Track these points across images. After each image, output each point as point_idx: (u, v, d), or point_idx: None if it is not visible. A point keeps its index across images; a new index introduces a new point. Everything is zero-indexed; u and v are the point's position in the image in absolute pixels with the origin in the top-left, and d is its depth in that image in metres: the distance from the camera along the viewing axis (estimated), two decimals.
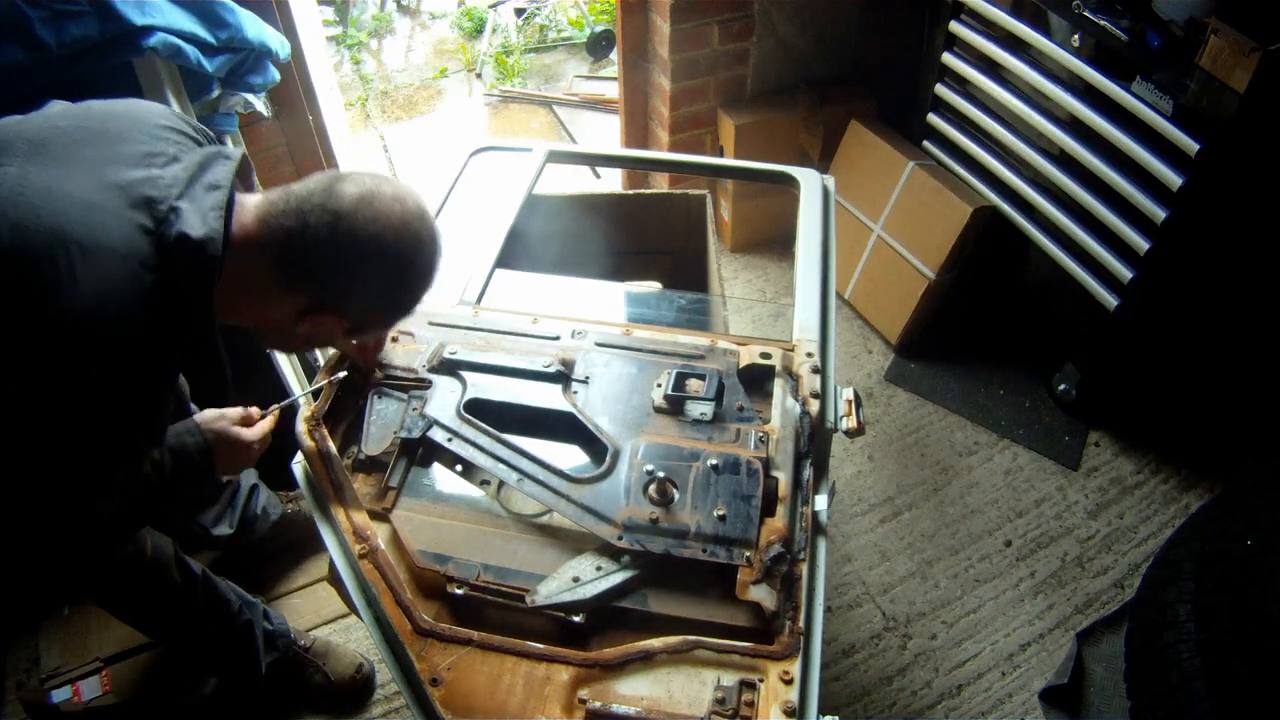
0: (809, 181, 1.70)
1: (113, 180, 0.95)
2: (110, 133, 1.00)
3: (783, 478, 1.19)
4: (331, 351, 1.37)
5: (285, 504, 2.01)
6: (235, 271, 0.99)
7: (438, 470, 1.26)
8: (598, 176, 3.33)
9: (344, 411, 1.30)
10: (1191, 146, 1.74)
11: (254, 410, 1.30)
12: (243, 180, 1.08)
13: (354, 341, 1.29)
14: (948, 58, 2.35)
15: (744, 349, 1.37)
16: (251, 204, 1.03)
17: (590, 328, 1.42)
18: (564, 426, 1.28)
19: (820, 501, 1.19)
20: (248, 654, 1.65)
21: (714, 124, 2.78)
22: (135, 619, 1.54)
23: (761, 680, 1.01)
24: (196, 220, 0.95)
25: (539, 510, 1.21)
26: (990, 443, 2.37)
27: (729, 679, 1.01)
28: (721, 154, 2.78)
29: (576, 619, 1.07)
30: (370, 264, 1.02)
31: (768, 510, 1.15)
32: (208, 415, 1.25)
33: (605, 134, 3.70)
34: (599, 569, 1.11)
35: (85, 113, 1.04)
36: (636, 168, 2.93)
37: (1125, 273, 2.00)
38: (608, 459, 1.20)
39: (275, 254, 1.01)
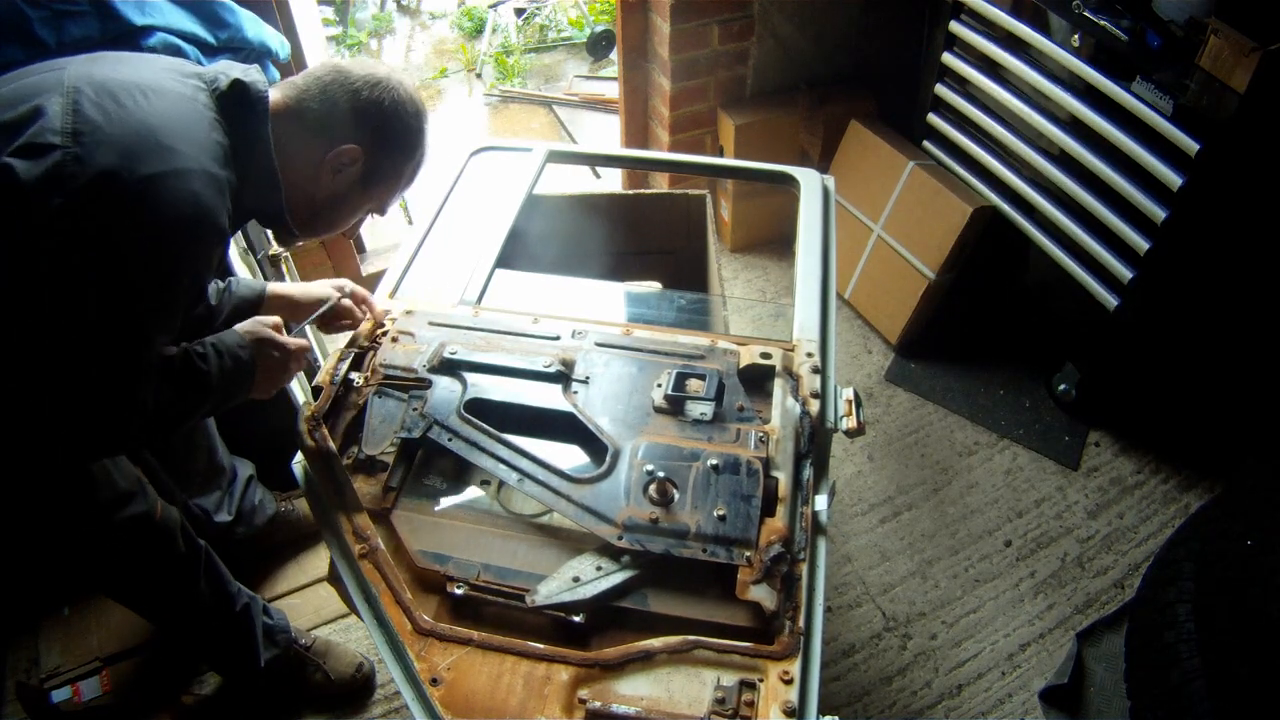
0: (809, 181, 1.70)
1: (164, 66, 1.15)
2: (142, 57, 1.19)
3: (783, 478, 1.19)
4: (334, 350, 1.37)
5: (279, 502, 2.01)
6: (272, 134, 1.17)
7: (438, 470, 1.26)
8: (598, 176, 3.33)
9: (344, 411, 1.30)
10: (1191, 146, 1.74)
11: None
12: None
13: (363, 215, 1.36)
14: (948, 58, 2.35)
15: (744, 349, 1.37)
16: (272, 88, 1.22)
17: (590, 328, 1.42)
18: (564, 426, 1.28)
19: (820, 501, 1.19)
20: (247, 643, 1.64)
21: (714, 124, 2.78)
22: (138, 592, 1.51)
23: (761, 680, 1.01)
24: (239, 73, 1.16)
25: (539, 510, 1.21)
26: (990, 443, 2.37)
27: (729, 679, 1.01)
28: (721, 154, 2.78)
29: (576, 619, 1.07)
30: (373, 98, 1.21)
31: (768, 510, 1.15)
32: (246, 323, 1.28)
33: (605, 134, 3.70)
34: (599, 569, 1.11)
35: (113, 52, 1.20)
36: (636, 168, 2.93)
37: (1125, 273, 2.00)
38: (608, 459, 1.20)
39: (297, 109, 1.20)
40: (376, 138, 1.23)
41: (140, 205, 0.98)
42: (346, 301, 1.44)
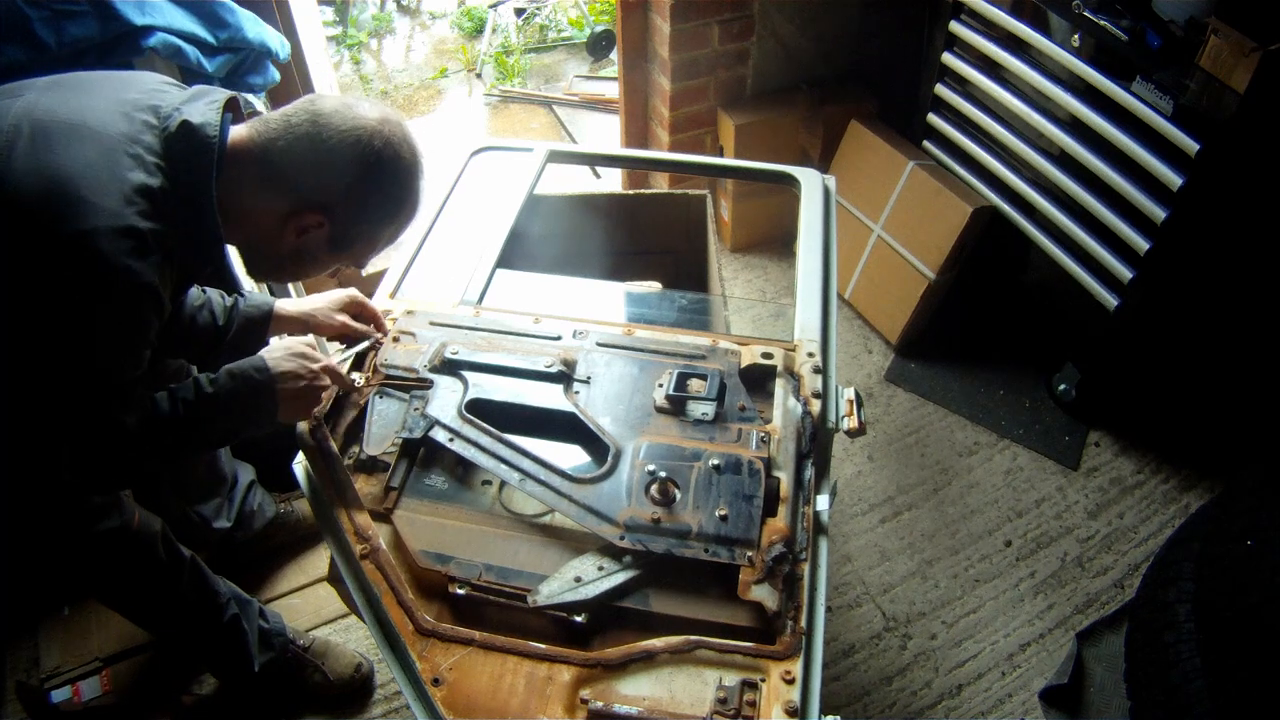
0: (809, 181, 1.70)
1: (123, 97, 1.09)
2: (116, 78, 1.14)
3: (784, 477, 1.19)
4: (334, 351, 1.37)
5: (279, 504, 2.01)
6: (230, 178, 1.10)
7: (439, 470, 1.26)
8: (598, 176, 3.33)
9: (345, 411, 1.30)
10: (1191, 146, 1.74)
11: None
12: (234, 115, 1.18)
13: (335, 269, 1.28)
14: (948, 58, 2.35)
15: (745, 349, 1.37)
16: (244, 124, 1.15)
17: (591, 328, 1.42)
18: (566, 427, 1.28)
19: (822, 501, 1.19)
20: (237, 649, 1.64)
21: (714, 124, 2.78)
22: (121, 600, 1.52)
23: (763, 680, 1.01)
24: (195, 113, 1.09)
25: (541, 510, 1.21)
26: (990, 443, 2.37)
27: (731, 679, 1.01)
28: (721, 154, 2.78)
29: (578, 619, 1.07)
30: (348, 158, 1.10)
31: (769, 510, 1.15)
32: (274, 348, 1.23)
33: (605, 134, 3.70)
34: (601, 569, 1.11)
35: (91, 71, 1.16)
36: (636, 168, 2.93)
37: (1125, 273, 2.00)
38: (609, 459, 1.20)
39: (262, 155, 1.11)
40: (348, 201, 1.14)
41: (53, 263, 0.97)
42: (356, 324, 1.42)
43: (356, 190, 1.13)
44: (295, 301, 1.48)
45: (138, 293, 1.03)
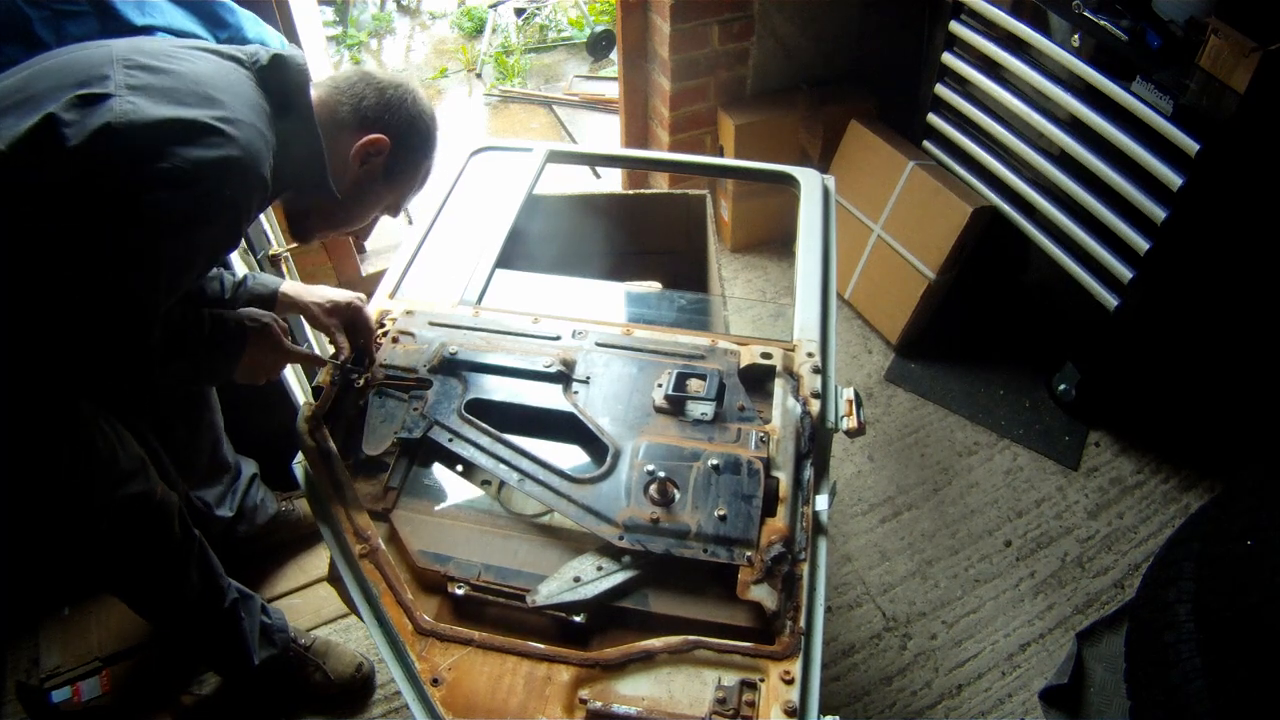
0: (809, 181, 1.70)
1: (198, 45, 1.20)
2: (183, 43, 1.24)
3: (783, 478, 1.19)
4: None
5: (280, 502, 2.01)
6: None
7: (438, 470, 1.26)
8: (598, 176, 3.33)
9: (344, 411, 1.30)
10: (1191, 146, 1.74)
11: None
12: None
13: (376, 216, 1.39)
14: (948, 58, 2.35)
15: (744, 349, 1.37)
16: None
17: (591, 328, 1.42)
18: (565, 427, 1.28)
19: (821, 501, 1.19)
20: (235, 641, 1.64)
21: (714, 124, 2.78)
22: (129, 577, 1.51)
23: (762, 680, 1.01)
24: (278, 49, 1.21)
25: (540, 510, 1.21)
26: (990, 443, 2.37)
27: (730, 679, 1.01)
28: (721, 154, 2.78)
29: (577, 619, 1.07)
30: (400, 95, 1.28)
31: (768, 510, 1.15)
32: (254, 310, 1.32)
33: (605, 134, 3.70)
34: (600, 569, 1.11)
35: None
36: (636, 168, 2.93)
37: (1125, 273, 2.00)
38: (608, 459, 1.20)
39: (330, 92, 1.25)
40: (402, 132, 1.28)
41: (190, 144, 1.03)
42: (340, 337, 1.43)
43: (408, 123, 1.28)
44: (300, 288, 1.49)
45: (259, 183, 1.11)
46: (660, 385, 1.31)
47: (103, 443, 1.29)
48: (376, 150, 1.27)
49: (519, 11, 4.51)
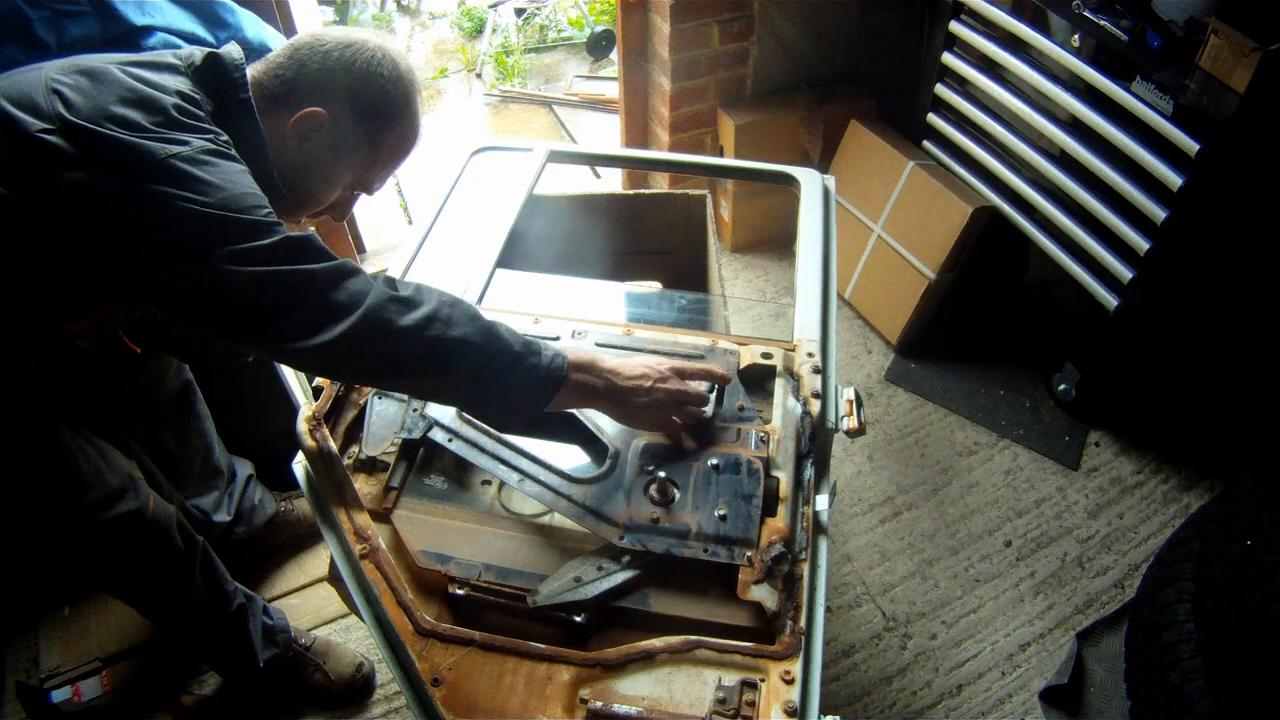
0: (809, 181, 1.70)
1: (131, 57, 1.12)
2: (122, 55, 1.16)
3: (784, 477, 1.19)
4: None
5: (279, 502, 2.01)
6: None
7: (438, 470, 1.26)
8: (598, 176, 3.33)
9: (344, 411, 1.30)
10: (1191, 147, 1.74)
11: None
12: None
13: (350, 196, 1.29)
14: (948, 58, 2.35)
15: (745, 349, 1.37)
16: (252, 64, 1.19)
17: (591, 328, 1.42)
18: (564, 426, 1.28)
19: (821, 501, 1.19)
20: (242, 643, 1.64)
21: (714, 124, 2.78)
22: (135, 589, 1.51)
23: (763, 680, 1.01)
24: (214, 50, 1.14)
25: (540, 510, 1.21)
26: (990, 443, 2.37)
27: (730, 679, 1.01)
28: (721, 154, 2.78)
29: (578, 619, 1.07)
30: (345, 59, 1.15)
31: (769, 510, 1.15)
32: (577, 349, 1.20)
33: (605, 134, 3.70)
34: (600, 569, 1.11)
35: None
36: (636, 168, 2.93)
37: (1125, 272, 2.00)
38: (608, 459, 1.20)
39: (271, 78, 1.16)
40: (346, 101, 1.15)
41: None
42: None
43: (355, 87, 1.15)
44: None
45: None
46: None
47: (85, 465, 1.27)
48: (314, 125, 1.15)
49: (519, 11, 4.51)
